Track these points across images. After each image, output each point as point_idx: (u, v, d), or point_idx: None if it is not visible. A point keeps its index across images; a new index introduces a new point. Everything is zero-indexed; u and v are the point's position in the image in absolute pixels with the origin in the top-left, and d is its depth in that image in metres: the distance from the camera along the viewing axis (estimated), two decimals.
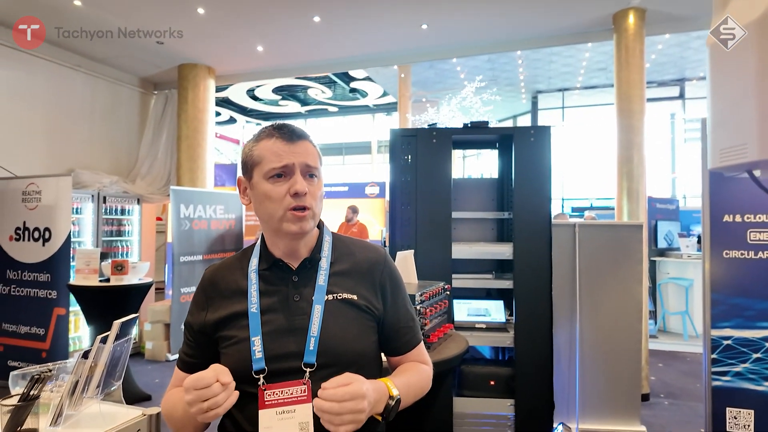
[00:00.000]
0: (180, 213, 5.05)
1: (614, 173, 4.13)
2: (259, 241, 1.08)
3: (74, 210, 4.68)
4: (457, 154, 12.87)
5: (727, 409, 3.10)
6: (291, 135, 1.00)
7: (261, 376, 0.94)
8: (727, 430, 3.08)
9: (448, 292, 2.12)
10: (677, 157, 13.46)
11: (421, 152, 2.92)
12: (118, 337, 1.34)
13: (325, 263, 1.03)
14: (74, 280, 3.94)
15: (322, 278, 1.01)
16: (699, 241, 7.41)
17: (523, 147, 2.85)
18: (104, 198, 5.14)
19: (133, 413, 1.36)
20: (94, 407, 1.33)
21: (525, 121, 14.02)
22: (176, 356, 5.44)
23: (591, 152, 13.24)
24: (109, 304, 3.78)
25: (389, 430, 1.08)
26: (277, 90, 14.77)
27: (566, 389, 3.33)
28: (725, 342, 3.11)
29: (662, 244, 5.89)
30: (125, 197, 5.44)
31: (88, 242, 4.99)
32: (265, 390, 0.93)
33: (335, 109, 16.83)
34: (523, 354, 2.82)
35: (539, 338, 2.82)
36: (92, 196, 5.03)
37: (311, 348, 0.95)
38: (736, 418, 3.09)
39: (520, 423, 2.81)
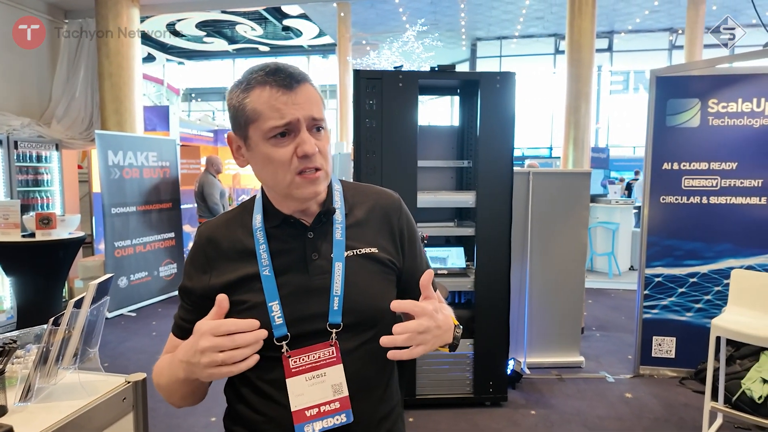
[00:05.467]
0: (108, 160, 4.58)
1: (555, 123, 4.26)
2: (259, 196, 0.97)
3: None
4: None
5: (654, 337, 3.48)
6: (290, 81, 0.84)
7: (284, 342, 0.87)
8: (653, 355, 3.48)
9: (425, 241, 2.12)
10: (601, 108, 14.24)
11: (386, 97, 2.80)
12: (94, 300, 1.19)
13: (339, 216, 0.95)
14: None
15: (338, 233, 0.93)
16: (627, 188, 8.02)
17: (488, 93, 2.82)
18: (15, 143, 4.52)
19: (115, 381, 1.24)
20: (72, 377, 1.20)
21: (464, 69, 14.02)
22: (115, 313, 5.02)
23: (523, 103, 13.63)
24: (37, 262, 3.42)
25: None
26: (201, 25, 13.54)
27: (516, 327, 3.55)
28: (656, 279, 3.44)
29: (594, 190, 6.29)
30: (41, 142, 4.83)
31: (0, 193, 4.42)
32: (290, 357, 0.87)
33: (266, 48, 15.79)
34: (482, 297, 2.94)
35: (498, 282, 2.95)
36: (1, 141, 4.41)
37: (335, 308, 0.89)
38: (660, 345, 3.48)
39: (478, 360, 2.98)
